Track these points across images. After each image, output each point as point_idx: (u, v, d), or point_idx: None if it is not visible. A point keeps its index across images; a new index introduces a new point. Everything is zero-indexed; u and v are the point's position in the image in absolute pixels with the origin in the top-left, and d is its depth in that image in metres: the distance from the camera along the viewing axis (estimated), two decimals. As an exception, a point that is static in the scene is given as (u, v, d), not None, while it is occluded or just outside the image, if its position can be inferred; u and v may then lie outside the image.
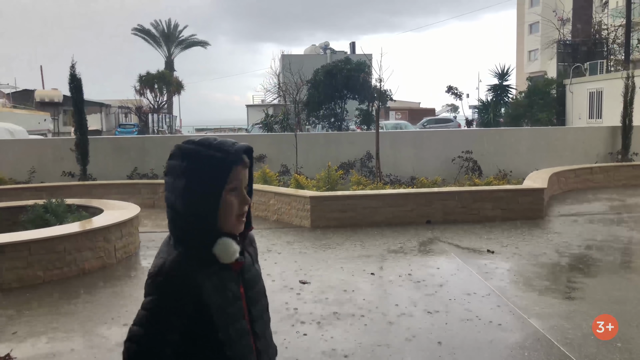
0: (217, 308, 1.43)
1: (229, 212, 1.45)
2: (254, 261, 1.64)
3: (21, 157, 12.54)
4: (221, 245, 1.43)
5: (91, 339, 4.29)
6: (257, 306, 1.58)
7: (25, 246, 5.69)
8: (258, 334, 1.57)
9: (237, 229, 1.49)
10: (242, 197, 1.47)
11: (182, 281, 1.39)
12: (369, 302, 5.02)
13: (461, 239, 7.47)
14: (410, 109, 44.82)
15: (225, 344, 1.46)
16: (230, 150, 1.44)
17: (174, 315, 1.41)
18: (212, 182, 1.40)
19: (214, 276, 1.45)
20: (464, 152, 12.78)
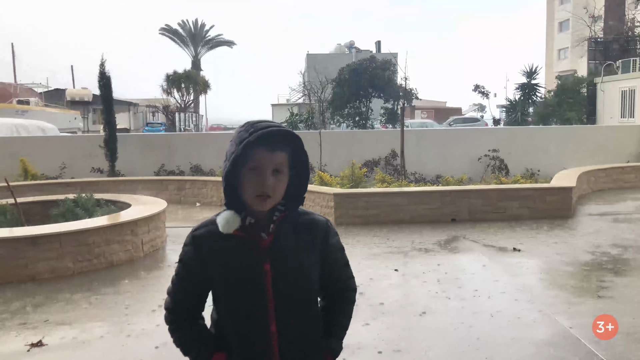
0: (224, 274, 1.57)
1: (247, 190, 1.53)
2: (301, 246, 1.63)
3: (52, 154, 12.87)
4: (220, 216, 1.57)
5: (119, 328, 4.37)
6: (287, 291, 1.59)
7: (56, 238, 5.84)
8: (283, 316, 1.58)
9: (256, 207, 1.54)
10: (261, 178, 1.51)
11: (194, 242, 1.61)
12: (393, 297, 5.01)
13: (487, 237, 7.39)
14: (436, 108, 44.46)
15: (231, 312, 1.59)
16: (253, 131, 1.51)
17: (189, 267, 1.64)
18: (232, 158, 1.51)
19: (230, 244, 1.57)
20: (490, 151, 12.64)
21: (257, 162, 1.51)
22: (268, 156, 1.52)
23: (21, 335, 4.22)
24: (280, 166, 1.55)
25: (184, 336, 1.67)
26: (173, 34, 51.10)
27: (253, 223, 1.58)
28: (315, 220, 1.69)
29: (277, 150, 1.53)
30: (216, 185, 10.88)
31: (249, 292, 1.57)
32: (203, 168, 12.86)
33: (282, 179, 1.56)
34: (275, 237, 1.60)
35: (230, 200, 1.58)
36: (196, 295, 1.66)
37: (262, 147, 1.51)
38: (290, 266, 1.60)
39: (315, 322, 1.68)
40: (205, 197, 11.07)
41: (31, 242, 5.71)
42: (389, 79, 22.56)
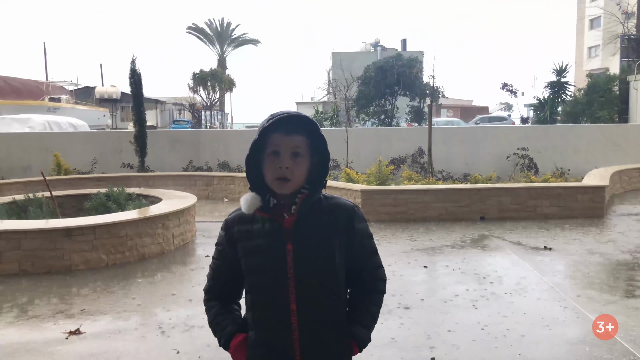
0: (249, 252, 1.66)
1: (268, 174, 1.62)
2: (324, 228, 1.67)
3: (84, 149, 13.15)
4: (242, 198, 1.67)
5: (152, 318, 4.46)
6: (308, 270, 1.64)
7: (90, 230, 5.97)
8: (303, 295, 1.63)
9: (276, 189, 1.62)
10: (279, 161, 1.59)
11: (225, 225, 1.74)
12: (423, 294, 4.99)
13: (517, 236, 7.30)
14: (463, 106, 44.01)
15: (253, 289, 1.68)
16: (271, 118, 1.61)
17: (222, 250, 1.76)
18: (251, 146, 1.63)
19: (255, 226, 1.66)
20: (519, 149, 12.46)
21: (274, 146, 1.60)
22: (285, 140, 1.61)
23: (59, 324, 4.34)
24: (298, 149, 1.61)
25: (214, 316, 1.75)
26: (200, 33, 51.65)
27: (276, 204, 1.65)
28: (340, 204, 1.72)
29: (293, 134, 1.61)
30: (243, 181, 10.97)
31: (271, 270, 1.64)
32: (230, 164, 12.99)
33: (301, 162, 1.62)
34: (298, 218, 1.65)
35: (256, 185, 1.66)
36: (229, 277, 1.75)
37: (279, 132, 1.60)
38: (312, 246, 1.64)
39: (336, 305, 1.70)
40: (233, 193, 11.18)
41: (66, 234, 5.86)
42: (415, 77, 22.38)
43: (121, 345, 3.91)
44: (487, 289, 5.07)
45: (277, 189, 1.62)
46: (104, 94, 41.85)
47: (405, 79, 22.35)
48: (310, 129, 1.64)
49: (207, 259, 6.26)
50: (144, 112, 12.54)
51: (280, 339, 1.64)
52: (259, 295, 1.67)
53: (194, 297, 4.92)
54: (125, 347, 3.87)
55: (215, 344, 1.79)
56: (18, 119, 18.84)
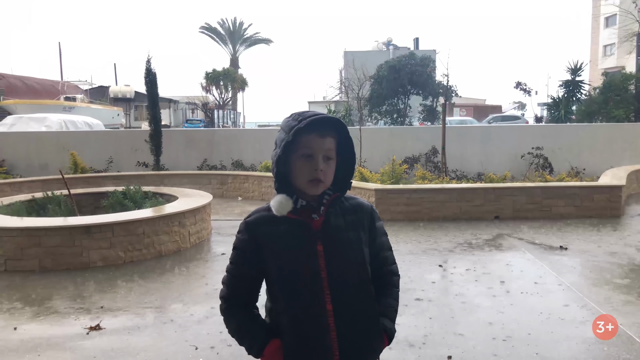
0: (277, 255, 1.63)
1: (299, 175, 1.61)
2: (350, 227, 1.70)
3: (100, 148, 13.30)
4: (274, 200, 1.64)
5: (170, 315, 4.51)
6: (341, 270, 1.64)
7: (109, 228, 6.05)
8: (338, 295, 1.62)
9: (309, 191, 1.62)
10: (313, 163, 1.59)
11: (248, 228, 1.67)
12: (438, 293, 5.00)
13: (532, 235, 7.27)
14: (476, 105, 43.75)
15: (287, 294, 1.62)
16: (302, 119, 1.60)
17: (243, 253, 1.68)
18: (283, 146, 1.60)
19: (283, 227, 1.63)
20: (534, 149, 12.37)
21: (308, 148, 1.60)
22: (319, 142, 1.61)
23: (80, 319, 4.41)
24: (330, 152, 1.64)
25: (238, 324, 1.70)
26: (213, 33, 51.89)
27: (305, 205, 1.65)
28: (361, 203, 1.78)
29: (326, 136, 1.63)
30: (257, 180, 11.03)
31: (304, 272, 1.62)
32: (244, 163, 13.06)
33: (332, 164, 1.65)
34: (326, 219, 1.67)
35: (281, 186, 1.66)
36: (251, 281, 1.71)
37: (314, 134, 1.60)
38: (342, 246, 1.67)
39: (370, 301, 1.71)
40: (247, 192, 11.24)
41: (85, 231, 5.94)
42: (429, 76, 22.32)
43: (140, 341, 3.96)
44: (502, 288, 5.06)
45: (311, 191, 1.62)
46: (118, 93, 42.21)
47: (418, 78, 22.31)
48: (339, 130, 1.66)
49: (223, 256, 6.32)
50: (159, 111, 12.64)
51: (318, 341, 1.61)
52: (293, 299, 1.62)
53: (210, 293, 4.98)
54: (144, 343, 3.93)
55: (232, 341, 1.77)
56: (35, 118, 19.09)
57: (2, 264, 5.86)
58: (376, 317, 1.72)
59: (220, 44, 52.60)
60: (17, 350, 3.84)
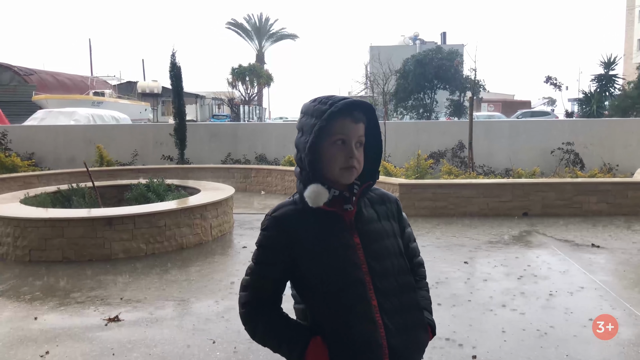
0: (313, 252, 1.49)
1: (332, 163, 1.50)
2: (382, 217, 1.62)
3: (125, 142, 13.42)
4: (308, 190, 1.49)
5: (189, 308, 4.47)
6: (380, 262, 1.54)
7: (130, 220, 6.05)
8: (381, 289, 1.52)
9: (343, 179, 1.51)
10: (347, 150, 1.49)
11: (276, 223, 1.52)
12: (464, 290, 4.84)
13: (562, 233, 7.03)
14: (504, 100, 42.96)
15: (328, 290, 1.49)
16: (334, 102, 1.49)
17: (272, 252, 1.52)
18: (313, 132, 1.47)
19: (315, 220, 1.51)
20: (564, 144, 12.03)
21: (343, 134, 1.49)
22: (353, 127, 1.51)
23: (99, 310, 4.40)
24: (361, 138, 1.54)
25: (269, 327, 1.53)
26: (239, 28, 52.12)
27: (336, 195, 1.53)
28: (386, 193, 1.71)
29: (359, 121, 1.53)
30: (280, 174, 10.97)
31: (345, 268, 1.49)
32: (268, 157, 13.02)
33: (362, 151, 1.55)
34: (358, 209, 1.57)
35: (308, 175, 1.53)
36: (279, 283, 1.55)
37: (348, 118, 1.50)
38: (379, 236, 1.57)
39: (413, 293, 1.61)
40: (270, 186, 11.19)
41: (107, 223, 5.95)
42: (456, 70, 21.95)
43: (158, 334, 3.92)
44: (531, 287, 4.88)
45: (345, 179, 1.51)
46: (145, 88, 42.76)
47: (445, 72, 21.97)
48: (368, 116, 1.56)
49: (245, 250, 6.26)
50: (184, 105, 12.68)
51: (368, 339, 1.47)
52: (335, 298, 1.47)
53: (230, 287, 4.92)
54: (162, 336, 3.88)
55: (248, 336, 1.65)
56: (64, 112, 19.43)
57: (27, 255, 5.91)
58: (420, 310, 1.62)
59: (246, 39, 52.84)
60: (36, 340, 3.83)
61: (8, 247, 6.00)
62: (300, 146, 1.52)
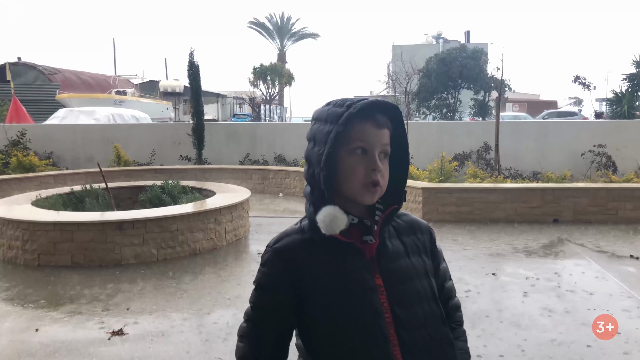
0: (324, 294, 1.19)
1: (350, 177, 1.20)
2: (411, 251, 1.29)
3: (143, 141, 13.29)
4: (322, 213, 1.19)
5: (198, 320, 4.21)
6: (408, 309, 1.22)
7: (141, 224, 5.83)
8: (409, 344, 1.19)
9: (364, 199, 1.21)
10: (369, 161, 1.20)
11: (279, 257, 1.23)
12: (489, 305, 4.49)
13: (597, 242, 6.60)
14: (529, 100, 42.04)
15: (342, 344, 1.17)
16: (353, 103, 1.19)
17: (274, 293, 1.24)
18: (329, 140, 1.18)
19: (327, 254, 1.20)
20: (595, 146, 11.48)
21: (363, 142, 1.20)
22: (376, 134, 1.21)
23: (103, 322, 4.16)
24: (386, 147, 1.24)
25: None
26: (260, 27, 52.04)
27: (355, 222, 1.22)
28: (417, 221, 1.38)
29: (383, 127, 1.22)
30: (299, 176, 10.69)
31: (362, 316, 1.18)
32: (287, 158, 12.75)
33: (387, 164, 1.24)
34: (381, 242, 1.25)
35: (322, 194, 1.21)
36: (284, 333, 1.27)
37: (369, 122, 1.20)
38: (406, 277, 1.25)
39: (450, 347, 1.28)
40: (288, 188, 10.93)
41: (117, 227, 5.73)
42: (480, 69, 21.41)
43: (163, 350, 3.66)
44: (564, 302, 4.51)
45: (366, 199, 1.20)
46: (167, 87, 42.85)
47: (469, 72, 21.44)
48: (393, 120, 1.26)
49: (259, 256, 5.99)
50: (202, 104, 12.49)
51: None
52: (348, 350, 1.18)
53: (242, 297, 4.65)
54: (168, 353, 3.62)
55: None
56: (85, 111, 19.46)
57: (36, 259, 5.73)
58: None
59: (268, 38, 52.73)
60: (34, 354, 3.61)
61: (17, 250, 5.83)
62: (312, 158, 1.23)
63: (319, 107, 1.28)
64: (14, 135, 12.77)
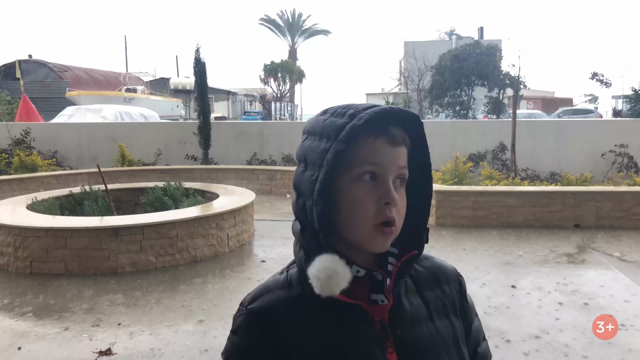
0: None
1: (355, 214, 0.84)
2: (436, 312, 0.94)
3: (149, 140, 13.03)
4: (316, 266, 0.84)
5: (195, 336, 3.88)
6: None
7: (139, 230, 5.53)
8: None
9: (373, 245, 0.85)
10: (381, 191, 0.84)
11: (255, 321, 0.89)
12: (510, 323, 4.12)
13: (622, 250, 6.19)
14: (544, 98, 41.30)
15: None
16: (358, 114, 0.84)
17: None
18: (326, 162, 0.83)
19: (322, 319, 0.86)
20: (616, 146, 11.02)
21: (374, 165, 0.85)
22: (391, 153, 0.86)
23: (92, 339, 3.86)
24: (404, 171, 0.88)
25: None
26: (271, 24, 51.72)
27: (361, 275, 0.87)
28: (443, 267, 1.01)
29: (399, 144, 0.86)
30: (308, 177, 10.35)
31: None
32: (295, 158, 12.41)
33: (404, 193, 0.88)
34: (396, 301, 0.90)
35: (317, 236, 0.86)
36: None
37: (381, 137, 0.85)
38: (430, 349, 0.90)
39: None
40: (296, 189, 10.59)
41: (113, 233, 5.44)
42: (494, 66, 20.88)
43: (153, 374, 3.35)
44: (589, 317, 4.12)
45: (377, 246, 0.85)
46: (178, 85, 42.71)
47: (484, 68, 20.92)
48: (412, 133, 0.90)
49: (263, 264, 5.67)
50: (209, 102, 12.20)
51: None
52: None
53: (242, 313, 4.32)
54: (157, 378, 3.31)
55: None
56: (92, 109, 19.27)
57: (28, 266, 5.46)
58: None
59: (279, 35, 52.40)
60: (13, 378, 3.32)
61: (9, 257, 5.56)
62: (302, 186, 0.88)
63: (313, 116, 0.93)
64: (18, 134, 12.56)
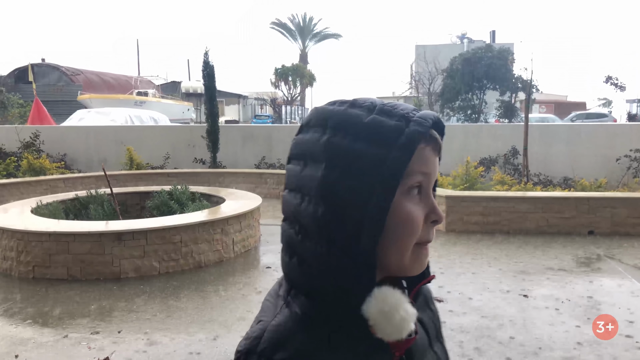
0: None
1: (408, 234, 0.70)
2: (432, 338, 0.85)
3: (157, 144, 12.98)
4: (379, 305, 0.69)
5: (198, 345, 3.78)
6: None
7: (142, 235, 5.44)
8: None
9: (414, 266, 0.74)
10: (430, 205, 0.73)
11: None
12: (522, 335, 3.96)
13: (639, 258, 5.99)
14: (557, 102, 40.88)
15: None
16: (407, 114, 0.72)
17: None
18: (374, 172, 0.67)
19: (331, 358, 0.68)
20: (632, 151, 10.77)
21: (425, 175, 0.73)
22: (435, 162, 0.75)
23: (91, 348, 3.77)
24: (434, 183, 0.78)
25: None
26: (283, 28, 51.79)
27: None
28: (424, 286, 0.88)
29: (439, 152, 0.77)
30: (316, 181, 10.22)
31: None
32: (304, 162, 12.30)
33: None
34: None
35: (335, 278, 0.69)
36: None
37: (431, 145, 0.74)
38: None
39: None
40: (305, 193, 10.47)
41: (116, 238, 5.36)
42: (507, 70, 20.65)
43: (151, 385, 3.24)
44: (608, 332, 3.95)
45: (417, 267, 0.74)
46: (189, 88, 42.87)
47: (495, 72, 20.69)
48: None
49: (269, 270, 5.56)
50: (217, 105, 12.11)
51: None
52: None
53: (246, 318, 4.21)
54: (154, 389, 3.20)
55: None
56: (102, 112, 19.31)
57: (31, 271, 5.39)
58: None
59: (290, 39, 52.45)
60: (7, 388, 3.23)
61: (12, 262, 5.50)
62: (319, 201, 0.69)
63: (329, 106, 0.76)
64: (27, 137, 12.58)
